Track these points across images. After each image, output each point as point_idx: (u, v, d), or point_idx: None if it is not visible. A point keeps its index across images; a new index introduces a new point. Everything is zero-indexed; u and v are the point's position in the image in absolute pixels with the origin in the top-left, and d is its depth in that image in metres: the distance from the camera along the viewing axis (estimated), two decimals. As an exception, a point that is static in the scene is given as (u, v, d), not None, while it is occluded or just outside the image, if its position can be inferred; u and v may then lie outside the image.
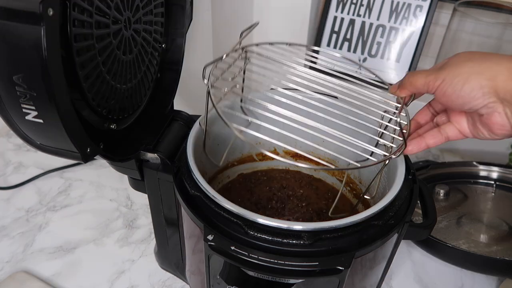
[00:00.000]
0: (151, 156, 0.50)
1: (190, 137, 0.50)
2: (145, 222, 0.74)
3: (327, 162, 0.59)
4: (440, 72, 0.37)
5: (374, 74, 0.49)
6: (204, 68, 0.44)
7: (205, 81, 0.42)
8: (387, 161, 0.43)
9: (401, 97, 0.43)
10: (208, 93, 0.42)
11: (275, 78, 0.46)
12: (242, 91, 0.50)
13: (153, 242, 0.69)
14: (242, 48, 0.46)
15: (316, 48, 0.53)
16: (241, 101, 0.53)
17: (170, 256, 0.61)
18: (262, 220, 0.40)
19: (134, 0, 0.45)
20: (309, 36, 0.90)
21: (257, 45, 0.48)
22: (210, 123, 0.54)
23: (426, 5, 0.80)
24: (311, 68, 0.49)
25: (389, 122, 0.44)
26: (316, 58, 0.51)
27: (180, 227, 0.53)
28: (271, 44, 0.48)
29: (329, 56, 0.52)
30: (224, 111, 0.41)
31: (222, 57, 0.44)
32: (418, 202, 0.49)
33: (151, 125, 0.54)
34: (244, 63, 0.49)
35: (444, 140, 0.43)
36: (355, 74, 0.49)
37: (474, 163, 0.76)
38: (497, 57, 0.35)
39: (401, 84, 0.42)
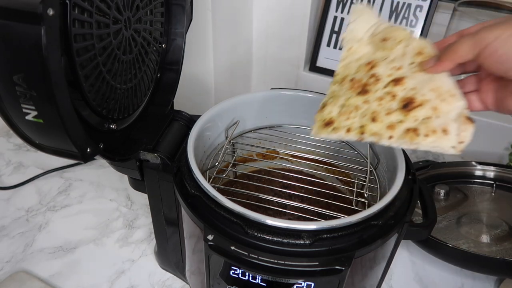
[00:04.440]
0: (151, 156, 0.50)
1: (190, 137, 0.50)
2: (145, 222, 0.74)
3: (325, 164, 0.59)
4: (493, 29, 0.32)
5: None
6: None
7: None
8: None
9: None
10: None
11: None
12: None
13: (153, 242, 0.69)
14: (229, 141, 0.56)
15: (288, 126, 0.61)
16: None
17: (170, 256, 0.61)
18: (262, 220, 0.40)
19: (134, 0, 0.45)
20: (309, 36, 0.90)
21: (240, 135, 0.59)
22: (206, 125, 0.55)
23: (426, 5, 0.80)
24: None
25: None
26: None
27: (180, 227, 0.53)
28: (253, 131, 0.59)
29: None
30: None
31: (219, 159, 0.54)
32: (418, 202, 0.49)
33: (151, 125, 0.54)
34: (233, 155, 0.59)
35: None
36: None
37: (474, 163, 0.76)
38: None
39: (439, 57, 0.36)
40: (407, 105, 0.37)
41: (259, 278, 0.41)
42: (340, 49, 0.89)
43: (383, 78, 0.39)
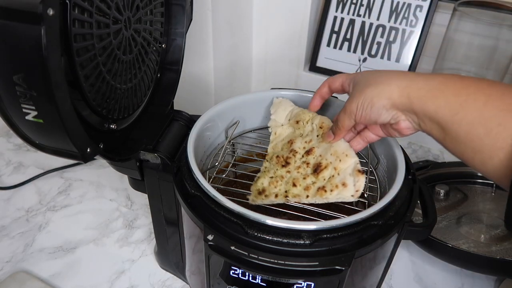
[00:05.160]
0: (151, 156, 0.50)
1: (190, 137, 0.50)
2: (145, 222, 0.74)
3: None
4: (351, 103, 0.44)
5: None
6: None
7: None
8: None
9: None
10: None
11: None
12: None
13: (153, 242, 0.69)
14: (229, 141, 0.57)
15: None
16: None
17: (170, 256, 0.61)
18: (262, 220, 0.40)
19: (134, 0, 0.45)
20: (309, 36, 0.90)
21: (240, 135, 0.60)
22: (206, 125, 0.55)
23: (426, 5, 0.80)
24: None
25: None
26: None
27: (180, 227, 0.53)
28: (253, 131, 0.61)
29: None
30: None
31: (219, 159, 0.54)
32: (418, 202, 0.49)
33: (151, 125, 0.54)
34: (233, 155, 0.60)
35: (366, 144, 0.50)
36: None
37: (474, 163, 0.75)
38: (387, 78, 0.42)
39: (334, 133, 0.49)
40: (317, 169, 0.48)
41: (259, 278, 0.41)
42: (341, 49, 0.89)
43: (299, 151, 0.51)
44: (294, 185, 0.48)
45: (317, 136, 0.52)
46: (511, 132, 0.33)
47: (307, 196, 0.47)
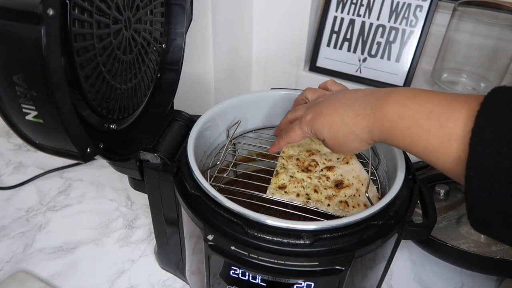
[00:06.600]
0: (151, 156, 0.50)
1: (190, 137, 0.50)
2: (145, 222, 0.74)
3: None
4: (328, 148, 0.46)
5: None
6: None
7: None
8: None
9: None
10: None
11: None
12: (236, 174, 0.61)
13: (153, 242, 0.69)
14: (231, 141, 0.58)
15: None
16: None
17: (170, 256, 0.61)
18: (262, 220, 0.40)
19: (134, 0, 0.45)
20: (309, 36, 0.90)
21: (241, 135, 0.62)
22: (206, 124, 0.55)
23: (426, 5, 0.80)
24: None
25: None
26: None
27: (180, 227, 0.53)
28: (253, 131, 0.63)
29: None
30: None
31: (220, 158, 0.55)
32: (418, 202, 0.49)
33: (151, 125, 0.54)
34: (234, 154, 0.61)
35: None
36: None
37: (474, 163, 0.75)
38: (348, 134, 0.42)
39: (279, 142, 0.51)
40: (338, 185, 0.51)
41: (259, 278, 0.41)
42: (341, 49, 0.89)
43: (320, 164, 0.55)
44: (316, 191, 0.50)
45: (338, 159, 0.55)
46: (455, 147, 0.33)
47: (328, 205, 0.49)
